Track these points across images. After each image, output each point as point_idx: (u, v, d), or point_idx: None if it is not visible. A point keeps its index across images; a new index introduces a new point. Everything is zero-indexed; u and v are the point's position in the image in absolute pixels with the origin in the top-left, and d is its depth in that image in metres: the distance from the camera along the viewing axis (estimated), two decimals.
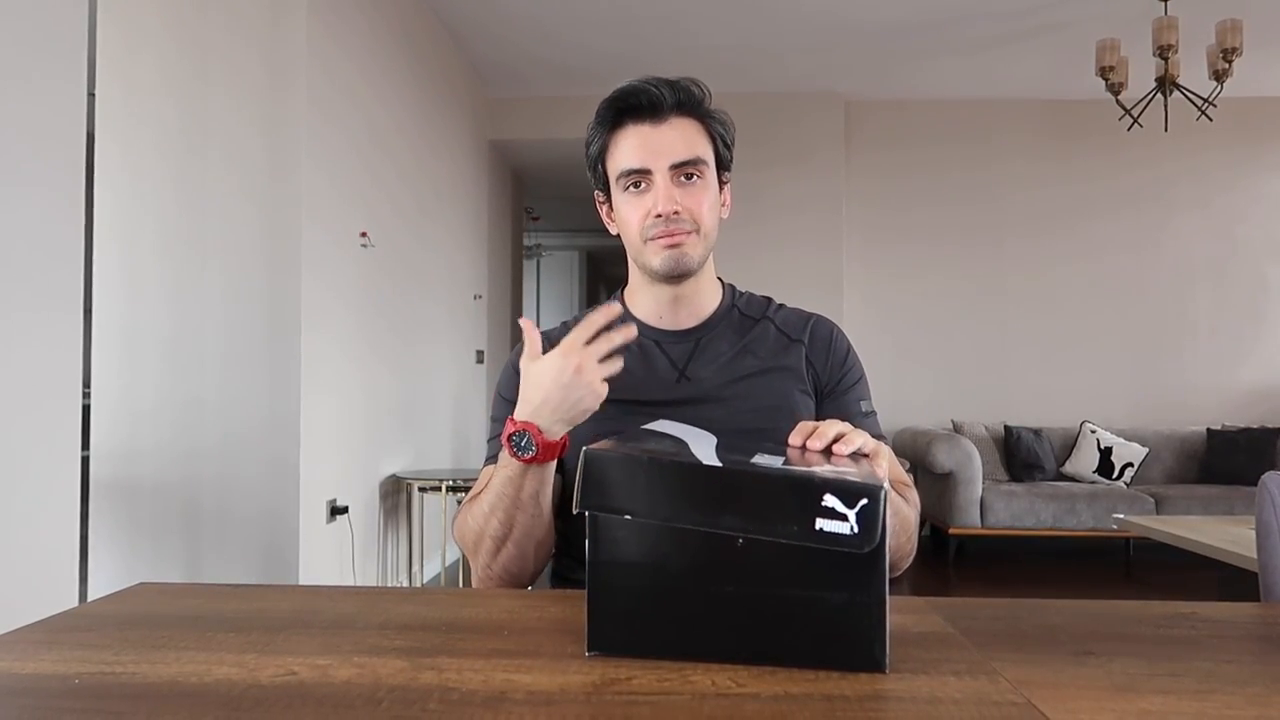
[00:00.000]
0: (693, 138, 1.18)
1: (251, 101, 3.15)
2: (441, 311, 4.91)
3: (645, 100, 1.17)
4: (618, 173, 1.19)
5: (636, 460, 0.68)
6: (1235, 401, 5.95)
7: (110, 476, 3.10)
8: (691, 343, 1.26)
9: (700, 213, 1.18)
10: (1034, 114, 6.11)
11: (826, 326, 1.31)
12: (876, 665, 0.65)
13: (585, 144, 1.25)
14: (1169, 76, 4.22)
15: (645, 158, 1.17)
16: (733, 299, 1.32)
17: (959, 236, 6.10)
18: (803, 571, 0.66)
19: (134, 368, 3.11)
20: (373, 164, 3.84)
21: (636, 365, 1.24)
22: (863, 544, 0.63)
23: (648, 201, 1.17)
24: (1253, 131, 5.98)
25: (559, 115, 6.07)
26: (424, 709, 0.59)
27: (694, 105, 1.19)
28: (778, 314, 1.31)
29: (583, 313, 1.32)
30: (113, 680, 0.65)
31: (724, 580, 0.67)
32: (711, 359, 1.24)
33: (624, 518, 0.67)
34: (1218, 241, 6.03)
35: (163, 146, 3.13)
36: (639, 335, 1.27)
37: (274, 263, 3.14)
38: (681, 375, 1.23)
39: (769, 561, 0.66)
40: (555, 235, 10.13)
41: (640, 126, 1.18)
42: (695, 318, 1.27)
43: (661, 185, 1.16)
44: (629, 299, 1.31)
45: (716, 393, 1.22)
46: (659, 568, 0.68)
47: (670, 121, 1.17)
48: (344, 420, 3.54)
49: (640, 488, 0.67)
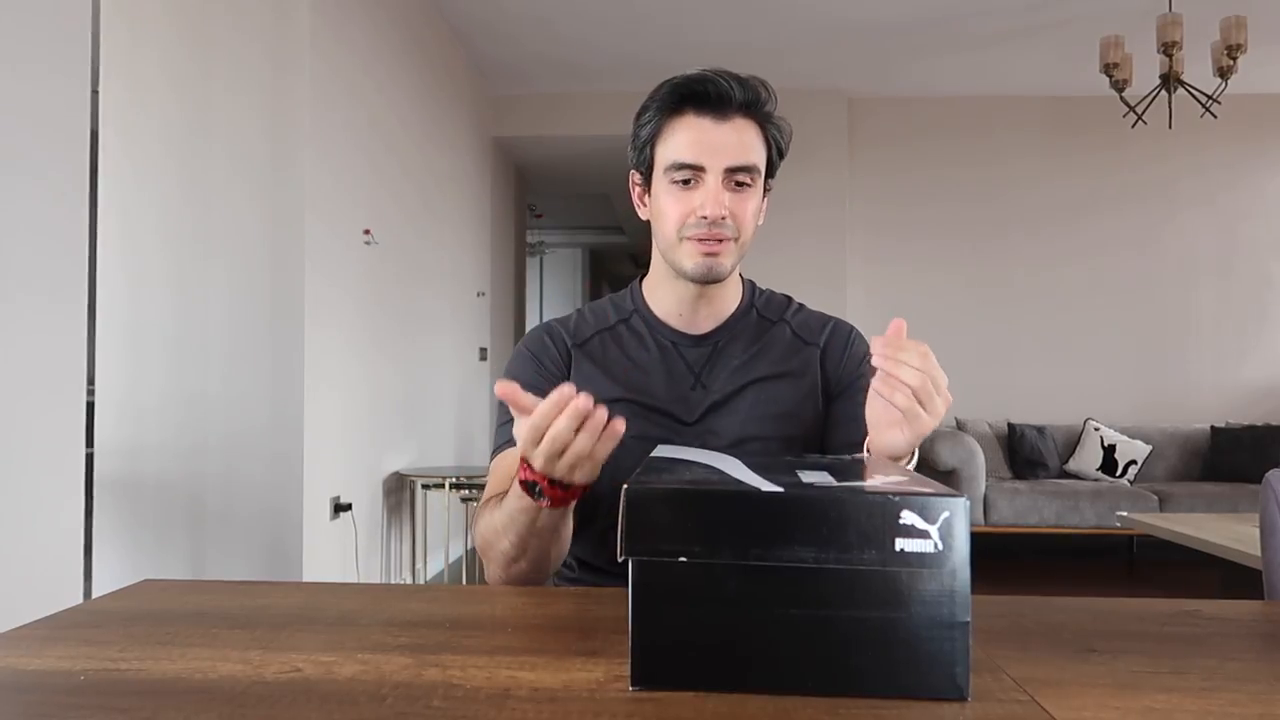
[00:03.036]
0: (752, 142, 1.14)
1: (255, 97, 3.15)
2: (445, 308, 4.92)
3: (713, 92, 1.11)
4: (669, 163, 1.14)
5: (690, 494, 0.61)
6: (1239, 399, 5.94)
7: (115, 473, 3.10)
8: (709, 348, 1.23)
9: (744, 222, 1.15)
10: (1037, 111, 6.10)
11: (845, 329, 1.28)
12: (959, 691, 0.59)
13: (636, 121, 1.18)
14: (1173, 73, 4.20)
15: (701, 154, 1.12)
16: (752, 299, 1.28)
17: (962, 233, 6.09)
18: (877, 591, 0.60)
19: (138, 364, 3.11)
20: (376, 161, 3.84)
21: (655, 367, 1.22)
22: (946, 561, 0.59)
23: (694, 200, 1.13)
24: (1257, 128, 5.96)
25: (562, 112, 6.08)
26: (428, 705, 0.59)
27: (759, 108, 1.15)
28: (795, 316, 1.28)
29: (594, 303, 1.31)
30: (118, 676, 0.65)
31: (788, 603, 0.60)
32: (725, 364, 1.22)
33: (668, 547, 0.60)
34: (1222, 238, 6.02)
35: (167, 143, 3.13)
36: (657, 334, 1.24)
37: (278, 259, 3.14)
38: (697, 382, 1.21)
39: (840, 581, 0.60)
40: (558, 233, 10.14)
41: (701, 119, 1.12)
42: (714, 320, 1.24)
43: (713, 187, 1.11)
44: (648, 292, 1.27)
45: (725, 399, 1.19)
46: (713, 595, 0.60)
47: (733, 121, 1.13)
48: (347, 417, 3.55)
49: (695, 525, 0.60)
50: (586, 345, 1.25)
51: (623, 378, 1.21)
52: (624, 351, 1.24)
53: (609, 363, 1.23)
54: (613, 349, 1.24)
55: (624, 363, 1.22)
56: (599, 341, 1.25)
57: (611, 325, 1.26)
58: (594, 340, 1.25)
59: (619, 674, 0.65)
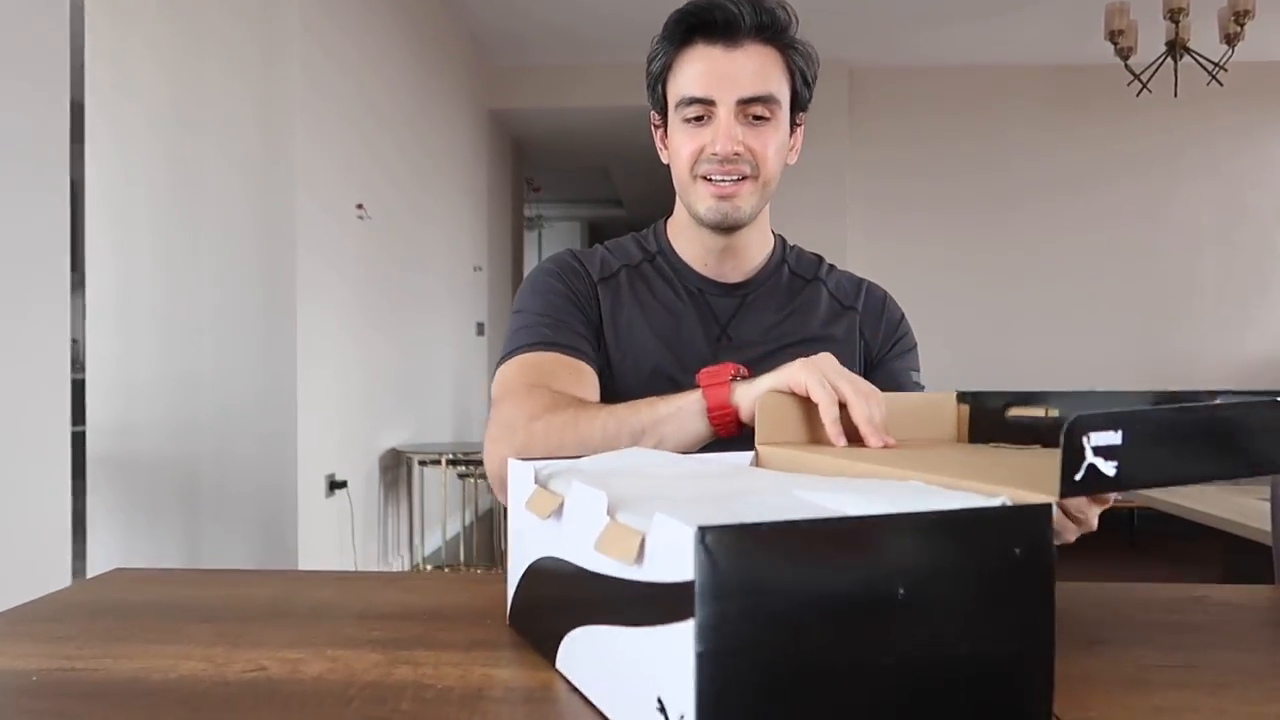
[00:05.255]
0: (768, 69, 1.04)
1: (244, 72, 3.08)
2: (441, 283, 4.87)
3: (720, 18, 1.02)
4: (679, 98, 1.05)
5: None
6: (1242, 369, 5.90)
7: (107, 452, 3.08)
8: (737, 299, 1.14)
9: (765, 155, 1.05)
10: (1041, 80, 6.01)
11: (879, 293, 1.22)
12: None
13: (647, 60, 1.10)
14: (1179, 40, 4.12)
15: (710, 86, 1.02)
16: (783, 254, 1.20)
17: (964, 205, 6.03)
18: (972, 620, 0.51)
19: (129, 342, 3.07)
20: (369, 135, 3.78)
21: (684, 311, 1.13)
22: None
23: (705, 135, 1.04)
24: (1263, 96, 5.87)
25: (561, 85, 5.99)
26: (395, 709, 0.56)
27: (776, 31, 1.04)
28: (830, 276, 1.21)
29: (613, 240, 1.22)
30: (72, 677, 0.62)
31: (875, 650, 0.50)
32: (756, 320, 1.14)
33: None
34: (1226, 208, 5.95)
35: (155, 120, 3.07)
36: (684, 279, 1.15)
37: (269, 235, 3.09)
38: (723, 333, 1.12)
39: (933, 613, 0.51)
40: (557, 206, 10.06)
41: (711, 48, 1.03)
42: (742, 271, 1.15)
43: (724, 120, 1.02)
44: (673, 235, 1.18)
45: (756, 358, 1.08)
46: (789, 644, 0.49)
47: (745, 47, 1.02)
48: (342, 393, 3.51)
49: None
50: (611, 280, 1.15)
51: (654, 320, 1.13)
52: (652, 292, 1.15)
53: (639, 301, 1.14)
54: (641, 287, 1.15)
55: (653, 304, 1.14)
56: (626, 277, 1.16)
57: (636, 264, 1.17)
58: (620, 275, 1.16)
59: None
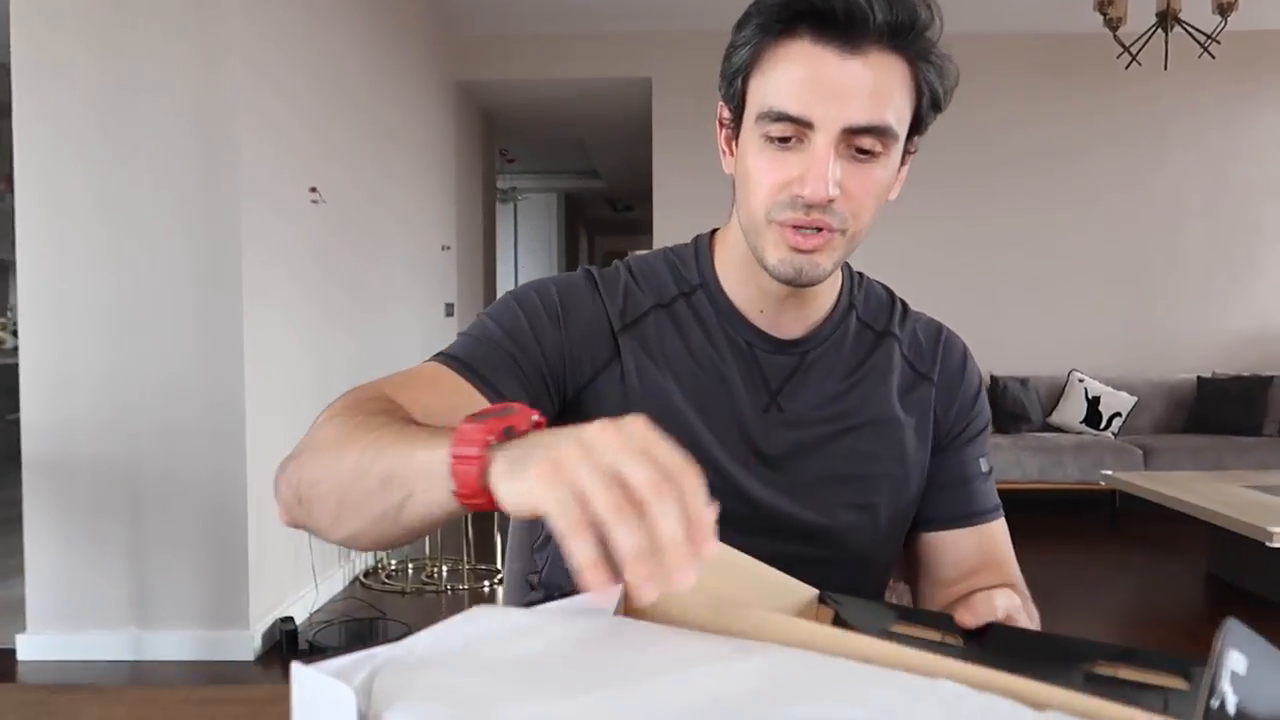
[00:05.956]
0: (891, 88, 0.79)
1: (181, 48, 2.87)
2: (404, 266, 4.68)
3: (840, 8, 0.76)
4: (763, 108, 0.80)
5: None
6: (1226, 348, 5.80)
7: (44, 453, 2.91)
8: (795, 358, 0.92)
9: (863, 205, 0.82)
10: (1026, 50, 5.84)
11: (958, 353, 1.00)
12: None
13: (728, 48, 0.84)
14: (1171, 10, 3.97)
15: (811, 103, 0.77)
16: (850, 294, 0.97)
17: (945, 178, 5.86)
18: None
19: (64, 336, 2.89)
20: (321, 112, 3.57)
21: (727, 371, 0.90)
22: None
23: (793, 166, 0.79)
24: (1251, 66, 5.72)
25: (536, 54, 5.76)
26: None
27: (911, 38, 0.78)
28: (904, 328, 0.98)
29: (641, 260, 0.97)
30: None
31: None
32: (816, 388, 0.92)
33: None
34: (1212, 181, 5.83)
35: (86, 100, 2.86)
36: (729, 326, 0.92)
37: (210, 224, 2.90)
38: (773, 402, 0.91)
39: None
40: (532, 177, 9.83)
41: (820, 48, 0.77)
42: (804, 324, 0.93)
43: (821, 152, 0.78)
44: (722, 266, 0.93)
45: (810, 438, 0.91)
46: None
47: (867, 54, 0.77)
48: (296, 393, 3.34)
49: None
50: (635, 329, 0.91)
51: (687, 383, 0.89)
52: (687, 344, 0.91)
53: (667, 356, 0.90)
54: (672, 338, 0.91)
55: (686, 361, 0.90)
56: (655, 323, 0.91)
57: (669, 301, 0.93)
58: (649, 320, 0.91)
59: None
